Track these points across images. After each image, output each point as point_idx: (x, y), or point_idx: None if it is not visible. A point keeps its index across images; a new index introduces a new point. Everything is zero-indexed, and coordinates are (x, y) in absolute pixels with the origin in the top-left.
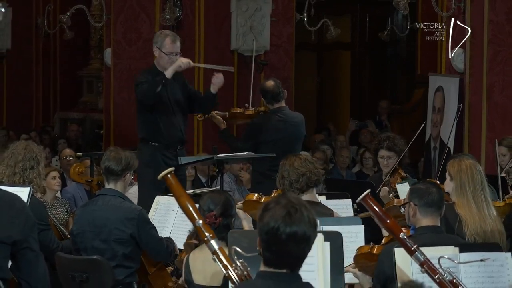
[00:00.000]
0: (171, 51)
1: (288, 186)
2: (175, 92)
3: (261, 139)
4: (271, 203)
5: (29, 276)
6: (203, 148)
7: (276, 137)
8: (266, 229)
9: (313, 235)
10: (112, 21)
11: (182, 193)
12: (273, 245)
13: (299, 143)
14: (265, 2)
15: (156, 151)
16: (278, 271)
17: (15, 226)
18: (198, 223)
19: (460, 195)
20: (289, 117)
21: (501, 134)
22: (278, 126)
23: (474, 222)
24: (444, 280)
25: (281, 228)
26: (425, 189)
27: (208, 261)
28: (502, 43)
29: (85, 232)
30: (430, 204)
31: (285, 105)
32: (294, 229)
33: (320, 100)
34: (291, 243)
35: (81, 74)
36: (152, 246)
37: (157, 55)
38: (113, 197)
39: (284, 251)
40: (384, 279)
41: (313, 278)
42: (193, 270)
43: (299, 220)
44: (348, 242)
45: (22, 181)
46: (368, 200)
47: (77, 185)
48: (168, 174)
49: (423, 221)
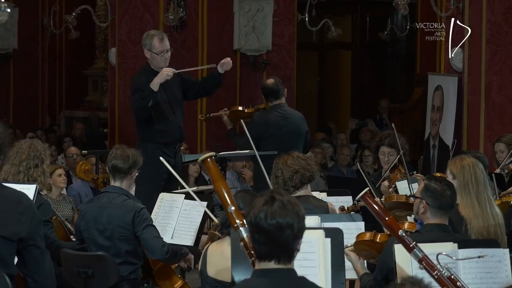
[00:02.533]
0: (162, 50)
1: (282, 185)
2: (173, 90)
3: (261, 134)
4: (255, 199)
5: (35, 272)
6: (207, 146)
7: (277, 132)
8: (249, 220)
9: (296, 222)
10: (117, 21)
11: (219, 178)
12: (258, 235)
13: (300, 139)
14: (267, 2)
15: (156, 149)
16: (273, 268)
17: (22, 224)
18: (230, 209)
19: (464, 195)
20: (288, 113)
21: (499, 132)
22: (278, 122)
23: (478, 223)
24: (443, 276)
25: (262, 216)
26: (441, 191)
27: (224, 256)
28: (500, 43)
29: (90, 228)
30: (442, 207)
31: (285, 102)
32: (274, 217)
33: (321, 99)
34: (274, 231)
35: (87, 73)
36: (148, 243)
37: (149, 57)
38: (117, 195)
39: (269, 239)
40: (386, 270)
41: (314, 274)
42: (209, 262)
43: (279, 208)
44: (348, 239)
45: (26, 179)
46: (367, 198)
47: (83, 183)
48: (208, 158)
49: (432, 220)
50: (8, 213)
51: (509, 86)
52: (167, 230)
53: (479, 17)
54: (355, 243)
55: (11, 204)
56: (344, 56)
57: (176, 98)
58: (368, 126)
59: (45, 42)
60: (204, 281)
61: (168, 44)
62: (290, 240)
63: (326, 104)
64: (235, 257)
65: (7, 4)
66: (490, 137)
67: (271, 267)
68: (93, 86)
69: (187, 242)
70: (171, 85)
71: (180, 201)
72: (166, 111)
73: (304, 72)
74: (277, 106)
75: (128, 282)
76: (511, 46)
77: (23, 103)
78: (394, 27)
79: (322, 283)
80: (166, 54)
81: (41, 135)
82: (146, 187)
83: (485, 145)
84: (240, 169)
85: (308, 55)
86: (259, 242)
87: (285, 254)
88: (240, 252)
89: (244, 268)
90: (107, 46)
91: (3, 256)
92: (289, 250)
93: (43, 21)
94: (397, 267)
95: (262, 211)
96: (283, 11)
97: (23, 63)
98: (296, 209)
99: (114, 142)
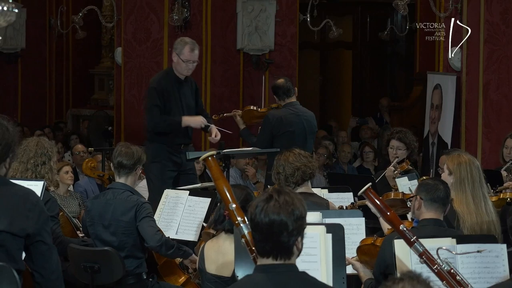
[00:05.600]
0: (189, 59)
1: (283, 181)
2: (187, 96)
3: (275, 132)
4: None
5: (42, 267)
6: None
7: (290, 130)
8: (249, 218)
9: (291, 221)
10: (123, 22)
11: (220, 176)
12: (255, 232)
13: (312, 136)
14: (269, 3)
15: (162, 148)
16: (274, 263)
17: (29, 220)
18: (231, 207)
19: (459, 191)
20: (301, 111)
21: (496, 129)
22: (292, 119)
23: (471, 219)
24: (442, 270)
25: (257, 212)
26: (433, 185)
27: (221, 251)
28: (498, 43)
29: (95, 224)
30: (435, 200)
31: (297, 101)
32: (268, 214)
33: (323, 97)
34: (268, 227)
35: (93, 72)
36: (143, 231)
37: (175, 61)
38: (122, 191)
39: (264, 236)
40: (384, 266)
41: (316, 269)
42: (207, 259)
43: (274, 205)
44: (349, 234)
45: (34, 176)
46: (369, 193)
47: (89, 179)
48: (209, 157)
49: (426, 214)
50: (16, 210)
51: (506, 85)
52: (172, 226)
53: (477, 17)
54: (358, 249)
55: (19, 201)
56: (345, 55)
57: (189, 106)
58: (368, 124)
59: (53, 42)
60: (204, 277)
61: (197, 56)
62: (285, 237)
63: (328, 102)
64: (238, 253)
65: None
66: (487, 134)
67: (271, 263)
68: (99, 84)
69: (191, 238)
70: (187, 94)
71: (185, 197)
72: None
73: (306, 71)
74: (290, 104)
75: (133, 277)
76: (508, 46)
77: (31, 101)
78: (394, 27)
79: (323, 278)
80: (191, 65)
81: (48, 132)
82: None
83: (483, 142)
84: (243, 166)
85: (310, 55)
86: (256, 239)
87: (282, 251)
88: (242, 248)
89: (246, 265)
90: (113, 46)
91: (11, 251)
92: (285, 248)
93: (51, 21)
94: (396, 262)
95: (259, 207)
96: (286, 12)
97: (31, 63)
98: (291, 208)
99: (120, 139)
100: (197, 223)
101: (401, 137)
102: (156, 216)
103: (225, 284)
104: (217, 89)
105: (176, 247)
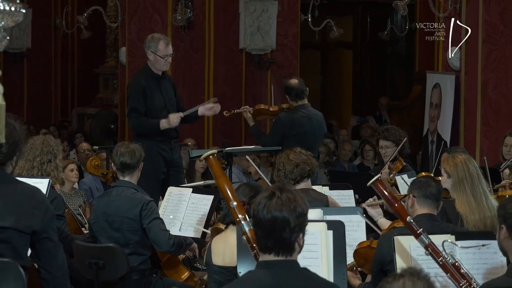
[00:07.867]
0: (166, 54)
1: (283, 178)
2: (168, 91)
3: (287, 133)
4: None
5: (48, 264)
6: (213, 142)
7: (301, 131)
8: (251, 215)
9: (293, 217)
10: (127, 22)
11: (221, 174)
12: (257, 228)
13: (321, 138)
14: (271, 3)
15: (152, 145)
16: (276, 259)
17: (35, 217)
18: (232, 204)
19: (460, 192)
20: (312, 113)
21: (494, 128)
22: (303, 121)
23: (474, 218)
24: (447, 263)
25: (260, 208)
26: (425, 182)
27: (228, 243)
28: (496, 42)
29: (100, 221)
30: (428, 196)
31: (308, 103)
32: (270, 210)
33: (324, 97)
34: (270, 224)
35: (98, 71)
36: (155, 236)
37: (152, 59)
38: (126, 189)
39: (266, 232)
40: (382, 262)
41: (317, 265)
42: (214, 252)
43: (276, 202)
44: (350, 231)
45: (40, 174)
46: (378, 184)
47: (94, 177)
48: (211, 155)
49: (420, 210)
50: (22, 207)
51: (505, 84)
52: (175, 223)
53: (475, 17)
54: (355, 252)
55: (25, 198)
56: (345, 55)
57: (171, 100)
58: (369, 122)
59: (58, 42)
60: (211, 270)
61: (171, 49)
62: (287, 234)
63: (328, 101)
64: (240, 250)
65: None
66: (486, 133)
67: (273, 259)
68: (104, 84)
69: (195, 235)
70: (168, 89)
71: (188, 194)
72: (162, 112)
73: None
74: (302, 106)
75: (137, 273)
76: (506, 46)
77: (36, 100)
78: (394, 27)
79: (324, 274)
80: (169, 58)
81: (53, 131)
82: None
83: (481, 140)
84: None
85: (311, 54)
86: (259, 235)
87: (284, 248)
88: (244, 245)
89: (248, 261)
90: (118, 46)
91: (17, 248)
92: (287, 244)
93: (56, 21)
94: (396, 258)
95: (261, 204)
96: (287, 12)
97: (36, 62)
98: (294, 205)
99: (124, 138)
100: (201, 220)
101: (386, 135)
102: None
103: (231, 274)
104: (220, 88)
105: (184, 245)
